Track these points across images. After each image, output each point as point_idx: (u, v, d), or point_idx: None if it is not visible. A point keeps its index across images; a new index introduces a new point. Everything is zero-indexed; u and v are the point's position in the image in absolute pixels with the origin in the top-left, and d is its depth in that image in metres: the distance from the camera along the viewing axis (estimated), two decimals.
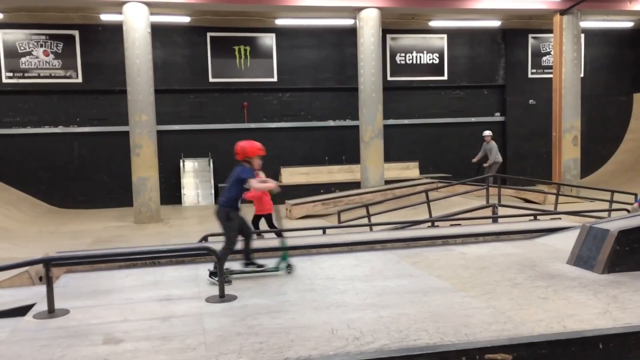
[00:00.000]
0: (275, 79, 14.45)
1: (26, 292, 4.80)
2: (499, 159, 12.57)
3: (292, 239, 6.29)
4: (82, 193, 13.37)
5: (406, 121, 15.43)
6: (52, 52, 13.25)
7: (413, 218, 8.71)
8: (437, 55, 15.53)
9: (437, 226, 7.60)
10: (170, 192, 13.09)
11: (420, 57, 15.41)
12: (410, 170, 14.70)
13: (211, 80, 14.14)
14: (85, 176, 13.44)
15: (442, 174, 14.65)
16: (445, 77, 15.66)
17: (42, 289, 4.82)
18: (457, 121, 15.74)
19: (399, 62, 15.28)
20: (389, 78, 14.93)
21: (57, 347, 3.28)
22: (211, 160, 13.78)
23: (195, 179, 13.77)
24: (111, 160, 13.39)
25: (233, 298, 4.11)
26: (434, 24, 14.90)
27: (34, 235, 9.93)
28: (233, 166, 4.86)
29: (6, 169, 12.91)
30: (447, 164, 15.33)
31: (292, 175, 13.70)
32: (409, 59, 15.36)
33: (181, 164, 13.64)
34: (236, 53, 14.12)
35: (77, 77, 13.39)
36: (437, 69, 15.58)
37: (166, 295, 4.30)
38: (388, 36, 14.85)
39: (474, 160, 12.86)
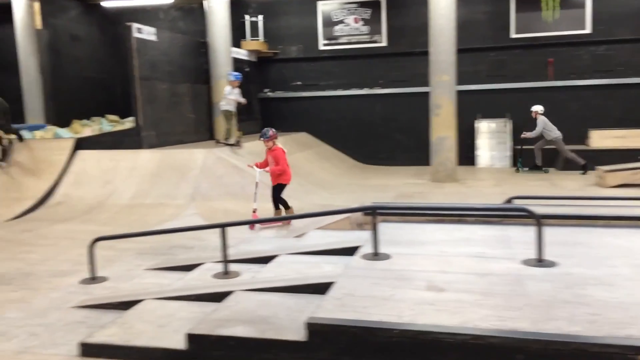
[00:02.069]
0: (588, 31, 12.96)
1: (349, 236, 5.39)
2: None
3: (609, 209, 5.64)
4: (383, 151, 14.36)
5: None
6: (361, 19, 14.34)
7: None
8: None
9: None
10: (464, 153, 13.05)
11: None
12: None
13: (513, 36, 13.44)
14: (386, 135, 14.37)
15: None
16: None
17: (362, 233, 5.35)
18: None
19: None
20: None
21: (386, 287, 3.58)
22: (509, 122, 13.24)
23: (490, 140, 13.43)
24: (410, 121, 13.99)
25: (552, 264, 3.88)
26: None
27: (344, 186, 11.08)
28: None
29: (322, 127, 14.64)
30: None
31: (603, 139, 12.24)
32: None
33: (476, 125, 13.45)
34: (543, 5, 13.07)
35: (381, 41, 14.26)
36: None
37: (479, 252, 4.30)
38: None
39: None
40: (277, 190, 7.36)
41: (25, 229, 7.86)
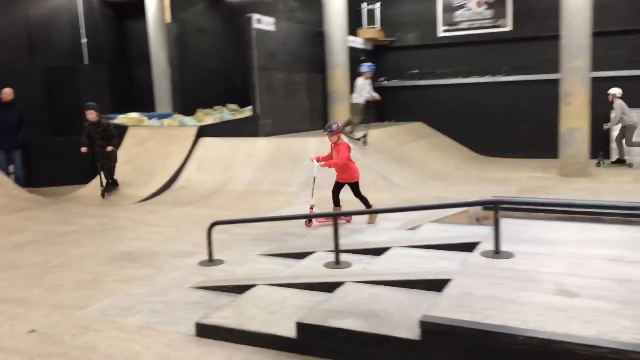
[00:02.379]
0: None
1: (466, 230, 5.08)
2: None
3: None
4: (504, 142, 13.57)
5: None
6: (484, 3, 13.61)
7: None
8: None
9: None
10: (597, 145, 11.95)
11: None
12: None
13: None
14: (508, 125, 13.56)
15: None
16: None
17: (481, 229, 5.02)
18: None
19: None
20: None
21: (509, 288, 3.29)
22: None
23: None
24: (535, 110, 13.08)
25: None
26: None
27: (461, 178, 10.61)
28: None
29: (438, 117, 14.16)
30: None
31: None
32: None
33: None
34: None
35: (506, 25, 13.43)
36: None
37: (618, 255, 3.84)
38: None
39: None
40: (341, 187, 6.83)
41: (151, 210, 8.38)
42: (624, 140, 11.25)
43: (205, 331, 3.58)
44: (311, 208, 6.87)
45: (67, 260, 5.75)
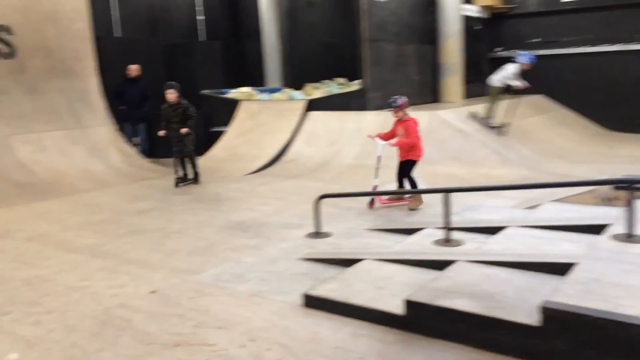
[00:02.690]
0: None
1: (593, 211, 4.65)
2: None
3: None
4: (638, 116, 12.31)
5: None
6: None
7: None
8: None
9: None
10: None
11: None
12: None
13: None
14: None
15: None
16: None
17: (610, 210, 4.57)
18: None
19: None
20: None
21: None
22: None
23: None
24: None
25: None
26: None
27: (586, 155, 9.82)
28: None
29: (561, 89, 13.14)
30: None
31: None
32: None
33: None
34: None
35: None
36: None
37: None
38: None
39: None
40: (406, 167, 6.46)
41: (261, 182, 8.60)
42: None
43: (312, 302, 3.58)
44: (375, 189, 6.47)
45: (184, 227, 6.06)
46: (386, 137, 6.49)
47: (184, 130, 8.27)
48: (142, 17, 13.17)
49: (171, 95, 8.33)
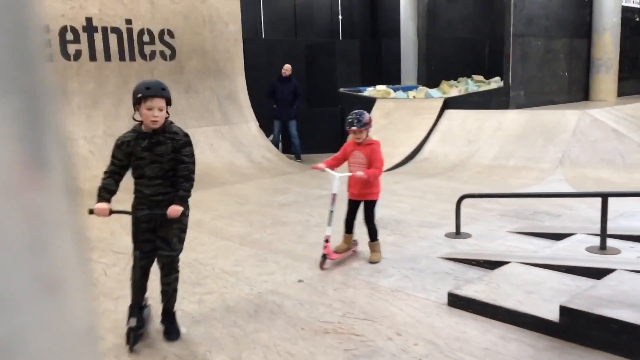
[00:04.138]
0: None
1: None
2: None
3: None
4: None
5: None
6: None
7: None
8: None
9: None
10: None
11: None
12: None
13: None
14: None
15: None
16: None
17: None
18: None
19: None
20: None
21: None
22: None
23: None
24: None
25: None
26: None
27: None
28: None
29: None
30: None
31: None
32: None
33: None
34: None
35: None
36: None
37: None
38: None
39: None
40: (369, 210, 4.74)
41: (396, 180, 8.63)
42: None
43: (458, 302, 3.57)
44: (326, 242, 4.60)
45: (323, 220, 6.27)
46: (333, 164, 4.69)
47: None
48: (286, 18, 13.81)
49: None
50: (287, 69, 10.67)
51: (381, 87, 12.32)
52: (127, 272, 4.56)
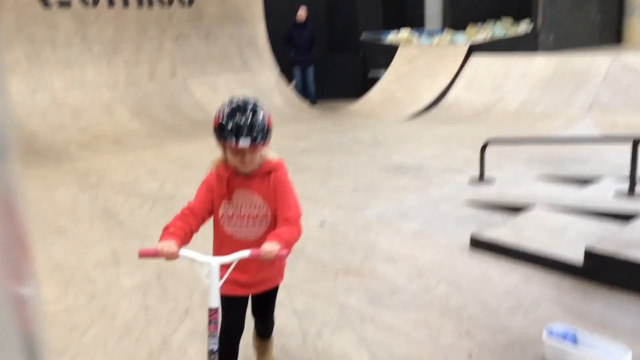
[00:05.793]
0: None
1: None
2: None
3: None
4: None
5: None
6: None
7: None
8: None
9: None
10: None
11: None
12: None
13: None
14: None
15: None
16: None
17: None
18: None
19: None
20: None
21: None
22: None
23: None
24: None
25: None
26: None
27: None
28: None
29: None
30: None
31: None
32: None
33: None
34: None
35: None
36: None
37: None
38: None
39: None
40: (272, 299, 2.39)
41: (419, 127, 8.51)
42: None
43: (480, 244, 3.55)
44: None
45: (345, 166, 6.26)
46: (183, 234, 2.02)
47: None
48: None
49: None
50: (301, 15, 10.39)
51: (404, 34, 11.99)
52: (152, 214, 4.65)
